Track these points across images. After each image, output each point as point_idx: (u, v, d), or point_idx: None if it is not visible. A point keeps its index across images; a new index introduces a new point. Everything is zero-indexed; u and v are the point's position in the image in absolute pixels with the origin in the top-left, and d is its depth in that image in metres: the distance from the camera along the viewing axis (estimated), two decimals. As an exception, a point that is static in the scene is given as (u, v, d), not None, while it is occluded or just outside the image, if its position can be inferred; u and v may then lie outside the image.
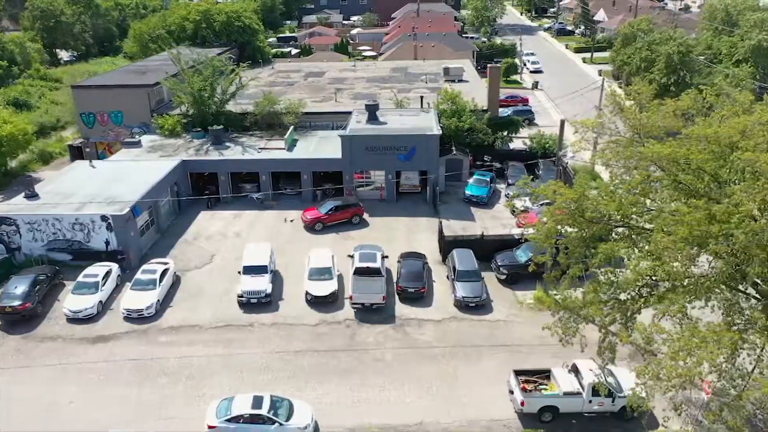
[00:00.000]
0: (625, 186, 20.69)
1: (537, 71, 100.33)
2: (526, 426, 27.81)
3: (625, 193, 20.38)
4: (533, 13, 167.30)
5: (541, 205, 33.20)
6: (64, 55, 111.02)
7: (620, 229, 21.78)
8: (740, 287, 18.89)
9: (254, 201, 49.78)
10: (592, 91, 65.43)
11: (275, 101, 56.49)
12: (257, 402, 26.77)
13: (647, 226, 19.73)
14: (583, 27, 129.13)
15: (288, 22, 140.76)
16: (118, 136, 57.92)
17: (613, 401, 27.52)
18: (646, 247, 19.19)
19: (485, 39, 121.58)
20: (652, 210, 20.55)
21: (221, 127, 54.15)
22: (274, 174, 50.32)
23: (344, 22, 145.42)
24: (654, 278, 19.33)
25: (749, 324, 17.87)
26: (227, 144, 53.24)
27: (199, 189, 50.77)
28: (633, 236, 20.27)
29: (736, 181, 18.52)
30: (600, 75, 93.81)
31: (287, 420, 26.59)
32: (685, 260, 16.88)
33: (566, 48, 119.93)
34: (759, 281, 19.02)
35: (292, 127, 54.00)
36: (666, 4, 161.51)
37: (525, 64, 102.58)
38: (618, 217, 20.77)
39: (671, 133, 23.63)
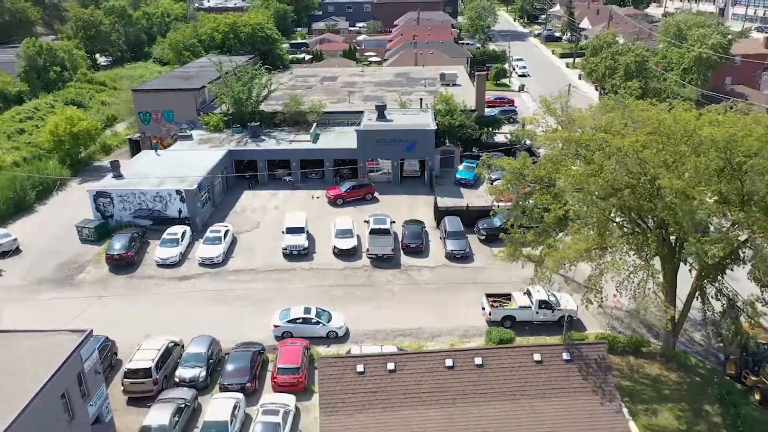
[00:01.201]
0: (547, 156, 32.74)
1: (524, 75, 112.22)
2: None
3: (548, 163, 32.39)
4: (525, 19, 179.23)
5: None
6: (101, 60, 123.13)
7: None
8: (611, 218, 31.02)
9: (287, 182, 62.00)
10: (578, 91, 77.30)
11: (300, 102, 68.71)
12: (307, 310, 38.93)
13: (560, 183, 31.68)
14: (569, 34, 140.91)
15: (298, 28, 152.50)
16: (168, 131, 70.05)
17: (552, 312, 39.63)
18: (555, 191, 31.32)
19: (479, 45, 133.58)
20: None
21: (258, 123, 66.34)
22: (302, 161, 62.43)
23: (350, 28, 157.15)
24: (563, 216, 31.44)
25: (611, 241, 29.92)
26: (262, 137, 65.39)
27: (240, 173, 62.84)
28: (552, 190, 32.21)
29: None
30: (579, 78, 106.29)
31: (327, 322, 38.72)
32: (574, 200, 28.77)
33: (552, 54, 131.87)
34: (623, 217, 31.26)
35: (315, 124, 66.15)
36: (645, 12, 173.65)
37: (514, 69, 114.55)
38: (546, 178, 32.85)
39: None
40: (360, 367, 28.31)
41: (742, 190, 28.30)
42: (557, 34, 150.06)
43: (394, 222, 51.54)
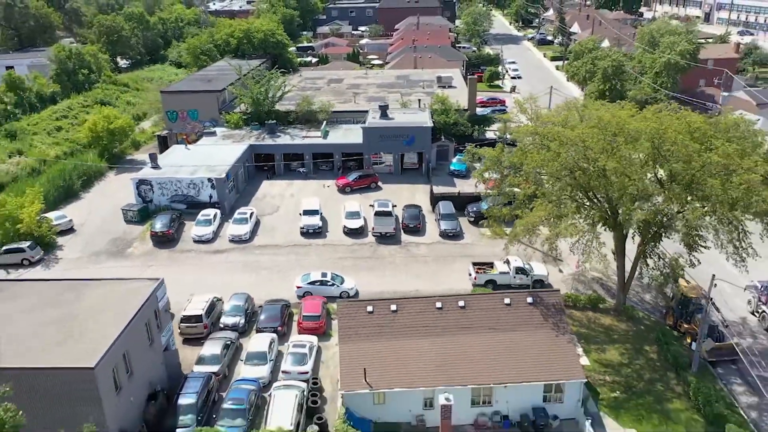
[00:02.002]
0: (520, 146, 40.91)
1: (516, 77, 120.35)
2: (477, 291, 48.13)
3: (518, 151, 40.53)
4: (520, 23, 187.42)
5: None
6: (121, 62, 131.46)
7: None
8: (572, 195, 39.21)
9: (300, 173, 70.25)
10: (555, 93, 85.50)
11: (311, 102, 76.95)
12: (324, 274, 47.20)
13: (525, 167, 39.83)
14: (560, 38, 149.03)
15: (304, 32, 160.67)
16: (193, 128, 78.41)
17: (527, 277, 47.85)
18: (523, 174, 39.60)
19: (475, 49, 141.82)
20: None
21: (274, 121, 74.60)
22: (314, 154, 70.63)
23: (353, 32, 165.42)
24: (531, 194, 39.68)
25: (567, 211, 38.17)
26: (278, 134, 73.61)
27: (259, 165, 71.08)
28: (522, 173, 40.43)
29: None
30: (568, 80, 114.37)
31: (341, 285, 46.95)
32: (538, 180, 37.08)
33: (544, 57, 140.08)
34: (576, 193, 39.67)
35: (325, 122, 74.39)
36: (641, 15, 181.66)
37: (507, 71, 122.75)
38: (517, 164, 41.06)
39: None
40: (369, 308, 36.51)
41: (669, 172, 36.57)
42: (549, 38, 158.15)
43: (395, 206, 59.80)
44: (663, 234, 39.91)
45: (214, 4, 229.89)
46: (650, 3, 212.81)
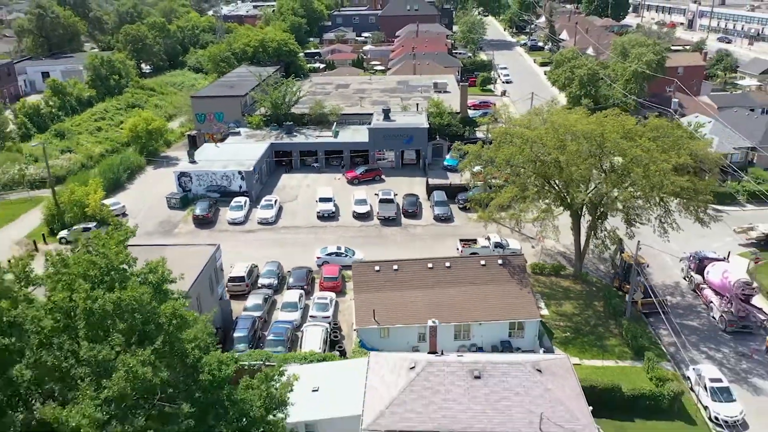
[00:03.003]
0: (495, 143, 52.05)
1: (508, 81, 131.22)
2: (463, 262, 59.10)
3: (494, 148, 51.57)
4: (514, 29, 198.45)
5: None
6: (144, 68, 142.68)
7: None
8: (534, 181, 50.26)
9: (314, 168, 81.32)
10: (540, 97, 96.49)
11: (322, 106, 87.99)
12: (339, 248, 58.26)
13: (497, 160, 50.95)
14: (550, 44, 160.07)
15: (311, 39, 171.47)
16: (219, 129, 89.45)
17: (503, 250, 58.83)
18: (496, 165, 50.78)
19: (470, 55, 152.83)
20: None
21: (290, 122, 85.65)
22: (326, 152, 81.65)
23: (357, 38, 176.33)
24: (504, 181, 50.74)
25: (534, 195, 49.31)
26: (295, 133, 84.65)
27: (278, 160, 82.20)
28: (495, 164, 51.62)
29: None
30: (552, 86, 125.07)
31: (352, 256, 57.99)
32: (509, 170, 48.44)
33: (534, 62, 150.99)
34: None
35: (335, 123, 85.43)
36: (621, 23, 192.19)
37: (499, 76, 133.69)
38: (493, 157, 52.14)
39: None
40: (377, 268, 47.50)
41: (608, 161, 47.69)
42: (540, 44, 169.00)
43: (396, 194, 70.83)
44: (607, 213, 50.99)
45: (221, 9, 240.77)
46: (639, 9, 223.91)
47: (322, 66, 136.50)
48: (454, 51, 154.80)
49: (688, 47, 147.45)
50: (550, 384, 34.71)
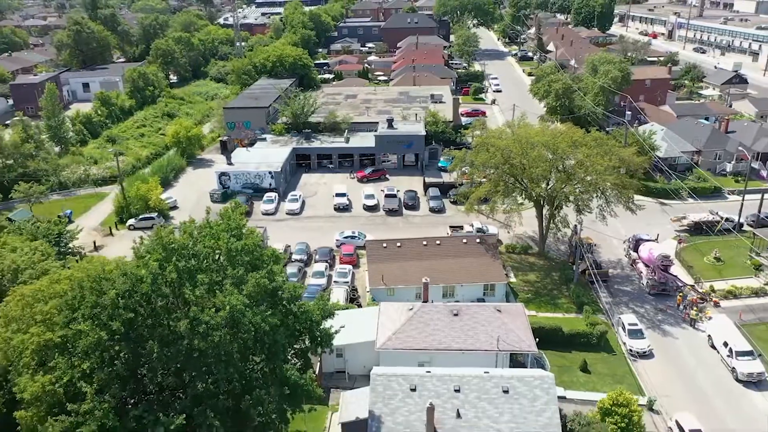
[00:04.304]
0: (475, 150, 67.24)
1: (498, 90, 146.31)
2: (452, 244, 74.59)
3: (474, 153, 66.77)
4: (507, 39, 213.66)
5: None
6: (172, 78, 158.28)
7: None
8: (504, 180, 65.46)
9: (329, 168, 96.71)
10: (521, 108, 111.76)
11: (335, 116, 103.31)
12: (353, 232, 73.67)
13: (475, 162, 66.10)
14: (538, 55, 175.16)
15: (320, 50, 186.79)
16: (246, 135, 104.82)
17: (484, 234, 74.13)
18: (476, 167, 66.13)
19: (466, 65, 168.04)
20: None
21: (308, 130, 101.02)
22: (339, 155, 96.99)
23: (361, 48, 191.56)
24: (482, 179, 66.05)
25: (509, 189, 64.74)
26: (312, 139, 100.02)
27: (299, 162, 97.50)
28: (475, 166, 66.85)
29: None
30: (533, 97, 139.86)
31: (364, 238, 73.32)
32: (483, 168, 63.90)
33: (523, 72, 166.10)
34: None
35: (346, 130, 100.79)
36: (605, 34, 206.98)
37: (490, 86, 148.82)
38: (473, 160, 67.42)
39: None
40: (384, 245, 62.82)
41: (560, 164, 63.06)
42: (530, 54, 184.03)
43: (398, 190, 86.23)
44: (561, 204, 66.30)
45: (225, 20, 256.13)
46: (625, 20, 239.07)
47: (331, 77, 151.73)
48: (450, 61, 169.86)
49: (661, 58, 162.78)
50: (506, 320, 50.11)
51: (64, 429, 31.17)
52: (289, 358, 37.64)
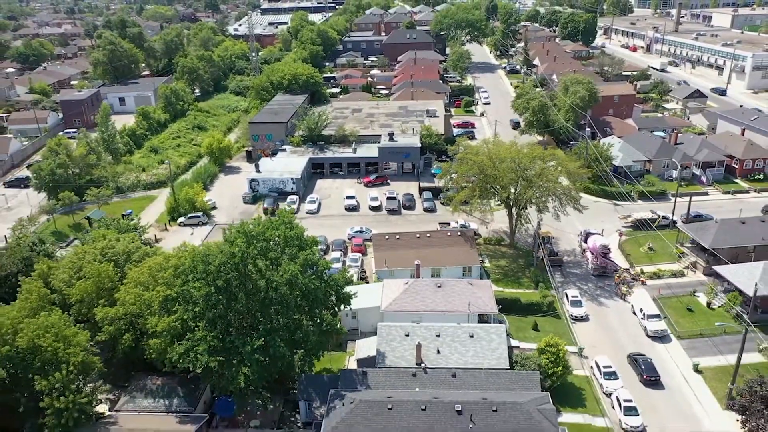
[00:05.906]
0: (457, 163, 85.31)
1: (487, 103, 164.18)
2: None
3: (456, 165, 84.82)
4: (498, 52, 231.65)
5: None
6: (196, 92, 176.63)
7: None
8: (481, 186, 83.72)
9: (340, 175, 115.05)
10: (511, 116, 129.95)
11: (344, 129, 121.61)
12: (362, 227, 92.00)
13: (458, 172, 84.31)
14: (525, 69, 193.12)
15: (327, 64, 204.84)
16: (268, 146, 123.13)
17: (467, 228, 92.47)
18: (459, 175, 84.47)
19: (459, 78, 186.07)
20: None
21: (322, 142, 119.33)
22: (348, 163, 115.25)
23: (365, 61, 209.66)
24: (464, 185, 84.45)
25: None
26: (325, 150, 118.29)
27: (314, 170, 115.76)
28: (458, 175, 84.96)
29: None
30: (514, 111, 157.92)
31: (371, 233, 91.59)
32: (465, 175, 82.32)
33: (511, 85, 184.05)
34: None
35: (354, 142, 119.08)
36: (590, 47, 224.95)
37: (479, 99, 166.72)
38: (457, 171, 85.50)
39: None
40: (387, 237, 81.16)
41: (523, 174, 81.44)
42: (518, 68, 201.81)
43: (398, 194, 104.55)
44: (526, 205, 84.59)
45: (236, 30, 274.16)
46: (608, 33, 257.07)
47: (337, 90, 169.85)
48: (446, 74, 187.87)
49: (635, 72, 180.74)
50: (476, 291, 68.47)
51: (185, 349, 49.53)
52: (324, 309, 56.23)
